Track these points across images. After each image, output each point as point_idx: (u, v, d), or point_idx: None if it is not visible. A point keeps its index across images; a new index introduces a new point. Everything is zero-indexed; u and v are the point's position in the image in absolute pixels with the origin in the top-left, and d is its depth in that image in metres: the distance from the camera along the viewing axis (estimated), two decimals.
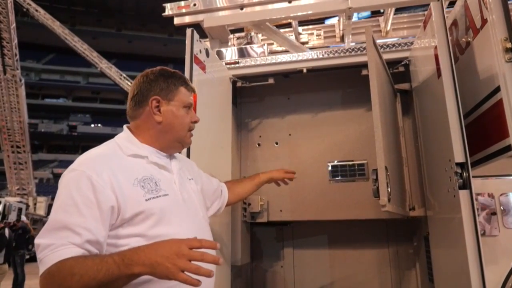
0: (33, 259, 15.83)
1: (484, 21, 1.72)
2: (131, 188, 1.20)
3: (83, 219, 1.09)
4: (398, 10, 3.44)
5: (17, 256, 8.61)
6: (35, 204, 19.04)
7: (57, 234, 1.07)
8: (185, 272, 0.98)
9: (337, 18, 3.50)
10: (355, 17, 3.44)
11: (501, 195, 2.05)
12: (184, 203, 1.33)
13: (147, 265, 0.98)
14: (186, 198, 1.36)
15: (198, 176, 1.65)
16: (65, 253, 1.03)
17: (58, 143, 44.62)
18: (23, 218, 12.79)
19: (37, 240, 1.08)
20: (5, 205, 13.24)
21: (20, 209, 14.81)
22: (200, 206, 1.46)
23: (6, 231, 7.59)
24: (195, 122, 1.46)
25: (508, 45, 1.59)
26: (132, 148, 1.31)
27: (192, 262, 0.99)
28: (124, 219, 1.17)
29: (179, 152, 1.56)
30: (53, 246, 1.04)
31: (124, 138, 1.36)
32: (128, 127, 1.40)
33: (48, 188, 31.34)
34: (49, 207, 21.18)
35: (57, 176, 37.22)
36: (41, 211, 19.24)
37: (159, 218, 1.21)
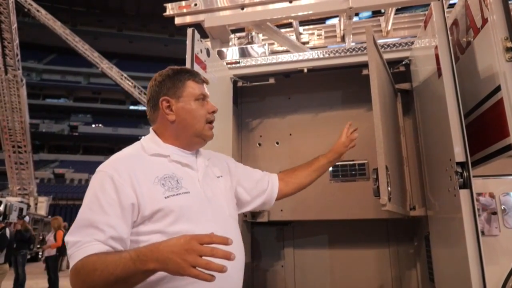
0: (33, 259, 15.88)
1: (484, 21, 1.72)
2: (151, 186, 1.23)
3: (107, 217, 1.15)
4: (399, 10, 3.45)
5: (18, 256, 8.62)
6: (36, 204, 19.07)
7: (83, 231, 1.13)
8: (198, 268, 0.98)
9: (337, 18, 3.50)
10: (355, 17, 3.44)
11: (501, 194, 2.05)
12: (207, 200, 1.32)
13: (160, 261, 1.00)
14: (209, 195, 1.35)
15: (234, 171, 1.60)
16: (89, 250, 1.09)
17: (59, 143, 44.67)
18: (26, 218, 12.80)
19: (66, 238, 1.15)
20: (6, 205, 13.26)
21: (21, 209, 14.84)
22: (227, 203, 1.43)
23: (7, 231, 7.60)
24: (213, 112, 1.44)
25: (509, 44, 1.59)
26: (155, 148, 1.34)
27: (204, 257, 0.99)
28: (144, 216, 1.20)
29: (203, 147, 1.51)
30: (79, 243, 1.11)
31: (149, 139, 1.40)
32: (153, 129, 1.43)
33: (49, 188, 31.40)
34: (50, 207, 21.27)
35: (58, 176, 37.32)
36: (42, 211, 19.26)
37: (179, 215, 1.22)
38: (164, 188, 1.24)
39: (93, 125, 46.61)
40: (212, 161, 1.50)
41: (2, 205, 13.06)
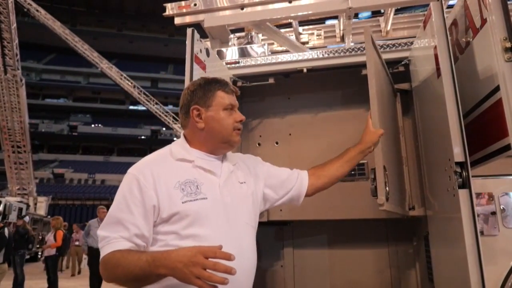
0: (33, 259, 15.86)
1: (483, 21, 1.73)
2: (171, 190, 1.32)
3: (132, 216, 1.28)
4: (398, 10, 3.45)
5: (16, 256, 8.61)
6: (35, 204, 19.06)
7: (112, 228, 1.28)
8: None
9: (337, 18, 3.50)
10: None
11: (500, 194, 2.06)
12: (224, 207, 1.38)
13: (170, 268, 1.12)
14: (228, 202, 1.40)
15: (260, 172, 1.63)
16: (116, 246, 1.24)
17: (59, 143, 44.64)
18: (26, 218, 12.78)
19: (98, 231, 1.31)
20: (5, 205, 13.25)
21: (20, 209, 14.83)
22: (246, 211, 1.47)
23: (6, 230, 7.59)
24: (241, 121, 1.49)
25: (508, 44, 1.60)
26: (182, 153, 1.43)
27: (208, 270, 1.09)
28: (162, 218, 1.30)
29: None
30: (108, 239, 1.26)
31: (178, 143, 1.49)
32: (184, 134, 1.52)
33: (49, 188, 31.37)
34: (49, 207, 21.26)
35: (57, 176, 37.29)
36: (41, 211, 19.25)
37: (193, 220, 1.30)
38: (183, 193, 1.33)
39: (93, 125, 46.60)
40: (238, 165, 1.55)
41: (2, 205, 13.06)
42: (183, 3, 3.00)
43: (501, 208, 2.03)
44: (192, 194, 1.33)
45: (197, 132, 1.45)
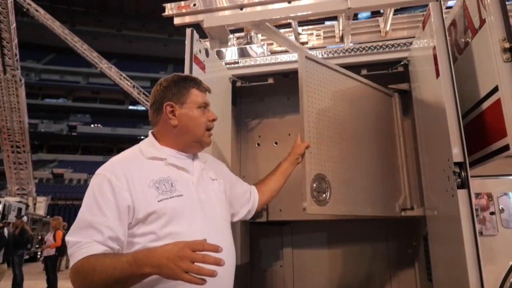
0: (33, 259, 15.85)
1: (482, 22, 1.73)
2: (145, 189, 1.29)
3: (105, 218, 1.21)
4: (398, 11, 3.45)
5: (15, 256, 8.61)
6: (34, 204, 19.05)
7: (83, 232, 1.20)
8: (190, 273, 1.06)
9: (336, 18, 3.50)
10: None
11: (499, 195, 2.06)
12: (200, 203, 1.37)
13: (155, 266, 1.08)
14: (203, 198, 1.40)
15: (227, 177, 1.67)
16: (89, 250, 1.16)
17: (58, 143, 44.59)
18: (24, 218, 12.77)
19: (67, 238, 1.22)
20: (4, 205, 13.25)
21: (20, 209, 14.82)
22: (219, 206, 1.48)
23: (5, 230, 7.59)
24: (213, 120, 1.50)
25: (506, 45, 1.60)
26: (152, 151, 1.40)
27: (196, 263, 1.06)
28: (138, 219, 1.26)
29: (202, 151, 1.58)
30: (79, 244, 1.18)
31: (147, 142, 1.45)
32: (152, 133, 1.49)
33: (48, 188, 31.36)
34: (49, 207, 21.24)
35: (57, 176, 37.26)
36: (40, 211, 19.23)
37: (171, 218, 1.27)
38: (158, 191, 1.29)
39: (92, 125, 46.56)
40: (208, 164, 1.55)
41: (1, 205, 13.06)
42: (182, 3, 3.00)
43: (500, 208, 2.02)
44: (167, 192, 1.30)
45: (169, 129, 1.43)
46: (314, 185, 1.96)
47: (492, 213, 2.01)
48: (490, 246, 1.94)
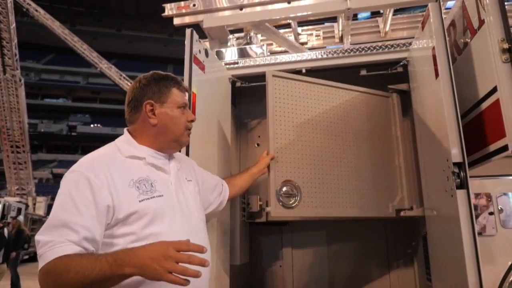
0: (32, 259, 15.83)
1: (481, 22, 1.73)
2: (126, 189, 1.25)
3: (81, 218, 1.14)
4: (397, 11, 3.46)
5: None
6: (34, 204, 19.02)
7: (56, 231, 1.12)
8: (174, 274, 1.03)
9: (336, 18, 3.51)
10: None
11: (498, 195, 2.06)
12: (178, 203, 1.37)
13: (138, 267, 1.03)
14: (181, 199, 1.39)
15: (199, 175, 1.67)
16: (62, 250, 1.08)
17: (58, 143, 44.57)
18: (21, 218, 12.74)
19: (37, 237, 1.13)
20: (4, 205, 13.24)
21: (19, 209, 14.81)
22: (196, 206, 1.48)
23: (5, 230, 7.59)
24: (192, 121, 1.50)
25: (505, 45, 1.60)
26: (130, 150, 1.36)
27: (181, 264, 1.04)
28: (118, 219, 1.21)
29: (179, 151, 1.59)
30: (51, 243, 1.10)
31: (124, 140, 1.41)
32: (128, 130, 1.45)
33: (48, 188, 31.30)
34: (49, 207, 21.19)
35: (57, 176, 37.22)
36: (40, 211, 19.21)
37: (152, 218, 1.25)
38: (139, 191, 1.27)
39: (92, 125, 46.53)
40: (182, 164, 1.54)
41: (1, 205, 13.05)
42: (182, 3, 3.00)
43: (499, 208, 2.03)
44: (148, 192, 1.28)
45: (148, 128, 1.40)
46: (283, 190, 2.16)
47: (491, 213, 2.02)
48: (489, 246, 1.94)
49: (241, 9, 2.89)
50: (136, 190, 1.26)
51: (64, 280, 1.04)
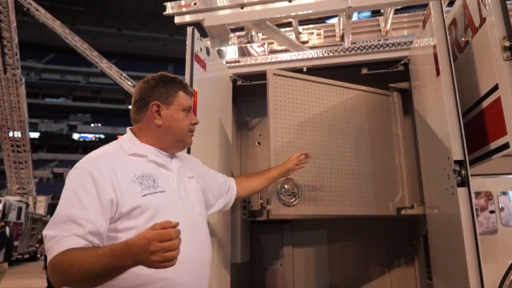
0: (32, 258, 15.86)
1: (482, 20, 1.73)
2: (129, 184, 1.28)
3: (86, 212, 1.18)
4: (398, 10, 3.46)
5: None
6: (35, 203, 19.07)
7: (62, 226, 1.16)
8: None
9: (337, 17, 3.51)
10: (355, 17, 3.45)
11: (499, 193, 2.06)
12: (180, 199, 1.39)
13: (136, 261, 1.06)
14: (183, 195, 1.42)
15: (202, 174, 1.69)
16: (68, 244, 1.12)
17: (58, 142, 44.61)
18: (13, 216, 12.64)
19: (44, 232, 1.17)
20: (5, 204, 13.25)
21: (20, 208, 14.83)
22: (197, 203, 1.50)
23: (7, 229, 7.60)
24: (195, 124, 1.53)
25: (506, 43, 1.60)
26: (133, 148, 1.40)
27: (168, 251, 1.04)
28: (121, 213, 1.25)
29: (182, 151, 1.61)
30: (57, 238, 1.14)
31: (127, 139, 1.45)
32: (131, 130, 1.49)
33: (48, 188, 31.36)
34: (49, 206, 21.24)
35: (57, 176, 37.29)
36: (41, 210, 19.26)
37: (154, 213, 1.28)
38: (142, 186, 1.30)
39: (92, 125, 46.59)
40: (184, 162, 1.57)
41: (1, 204, 13.06)
42: (183, 2, 3.00)
43: (500, 206, 2.03)
44: (150, 187, 1.31)
45: (153, 128, 1.43)
46: (283, 188, 2.17)
47: (492, 212, 2.02)
48: (490, 244, 1.94)
49: (242, 8, 2.89)
50: (139, 185, 1.29)
51: (70, 274, 1.09)
